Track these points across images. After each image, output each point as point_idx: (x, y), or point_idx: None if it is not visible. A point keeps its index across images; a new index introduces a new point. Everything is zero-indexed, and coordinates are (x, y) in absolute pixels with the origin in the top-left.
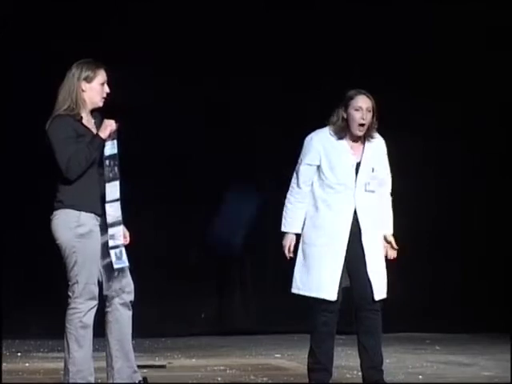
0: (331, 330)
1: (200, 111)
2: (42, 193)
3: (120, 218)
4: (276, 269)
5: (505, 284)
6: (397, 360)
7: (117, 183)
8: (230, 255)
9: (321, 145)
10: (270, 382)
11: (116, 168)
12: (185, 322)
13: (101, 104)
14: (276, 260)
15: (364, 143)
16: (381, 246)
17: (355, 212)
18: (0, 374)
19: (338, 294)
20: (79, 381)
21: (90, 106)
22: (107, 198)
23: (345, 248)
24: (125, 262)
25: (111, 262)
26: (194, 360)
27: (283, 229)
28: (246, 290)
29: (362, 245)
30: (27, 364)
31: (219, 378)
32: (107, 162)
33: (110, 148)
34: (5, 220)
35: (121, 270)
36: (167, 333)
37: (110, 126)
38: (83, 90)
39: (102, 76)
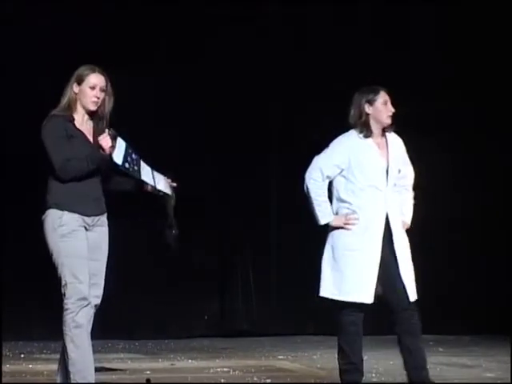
0: (359, 329)
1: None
2: (42, 192)
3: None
4: (279, 270)
5: (506, 286)
6: (400, 361)
7: (148, 171)
8: (232, 257)
9: (349, 148)
10: (273, 383)
11: (135, 165)
12: (187, 323)
13: (92, 108)
14: (278, 262)
15: (387, 141)
16: (409, 246)
17: (386, 215)
18: (0, 375)
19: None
20: (79, 381)
21: (82, 109)
22: (157, 187)
23: (379, 251)
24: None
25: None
26: (196, 362)
27: (322, 222)
28: (249, 291)
29: (393, 247)
30: (30, 365)
31: (222, 380)
32: (126, 165)
33: (117, 155)
34: (6, 220)
35: None
36: (170, 334)
37: (103, 141)
38: (75, 92)
39: (92, 79)
